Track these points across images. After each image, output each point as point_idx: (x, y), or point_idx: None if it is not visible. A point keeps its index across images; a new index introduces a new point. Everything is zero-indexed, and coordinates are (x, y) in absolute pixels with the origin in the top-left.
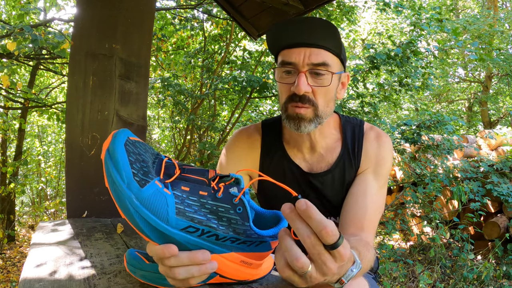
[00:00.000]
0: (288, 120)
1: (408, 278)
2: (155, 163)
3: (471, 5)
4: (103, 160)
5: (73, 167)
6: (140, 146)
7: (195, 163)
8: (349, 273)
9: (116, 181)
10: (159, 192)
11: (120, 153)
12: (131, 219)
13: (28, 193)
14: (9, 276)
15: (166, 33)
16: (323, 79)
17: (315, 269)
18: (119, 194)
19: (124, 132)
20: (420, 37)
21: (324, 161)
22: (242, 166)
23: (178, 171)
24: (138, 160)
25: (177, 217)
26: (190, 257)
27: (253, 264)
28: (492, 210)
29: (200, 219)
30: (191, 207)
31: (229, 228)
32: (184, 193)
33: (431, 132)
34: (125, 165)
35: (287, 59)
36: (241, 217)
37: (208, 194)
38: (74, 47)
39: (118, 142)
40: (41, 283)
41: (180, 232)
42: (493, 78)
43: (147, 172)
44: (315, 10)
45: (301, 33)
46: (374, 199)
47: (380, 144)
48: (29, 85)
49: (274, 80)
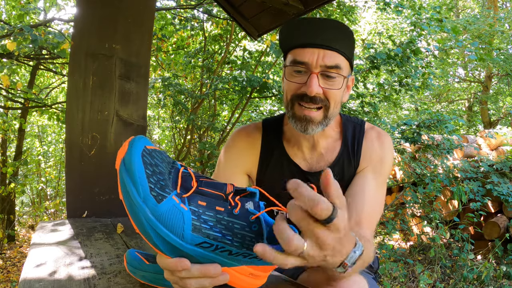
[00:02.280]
0: (294, 120)
1: (408, 278)
2: (171, 173)
3: (471, 5)
4: (118, 171)
5: (73, 167)
6: (157, 156)
7: (195, 163)
8: (352, 255)
9: (132, 195)
10: (176, 208)
11: (137, 166)
12: (145, 234)
13: (28, 193)
14: (9, 276)
15: (166, 33)
16: (335, 81)
17: (311, 245)
18: (134, 209)
19: (141, 140)
20: (420, 37)
21: (323, 160)
22: (241, 165)
23: (195, 184)
24: (155, 173)
25: (193, 233)
26: (201, 271)
27: (260, 276)
28: (492, 210)
29: (216, 235)
30: (207, 223)
31: (243, 244)
32: (201, 208)
33: (431, 131)
34: (142, 178)
35: (299, 58)
36: (256, 234)
37: (225, 210)
38: (74, 47)
39: (135, 152)
40: (41, 283)
41: (195, 247)
42: (493, 78)
43: (164, 186)
44: (315, 10)
45: (317, 34)
46: (372, 197)
47: (381, 143)
48: (29, 85)
49: (274, 80)
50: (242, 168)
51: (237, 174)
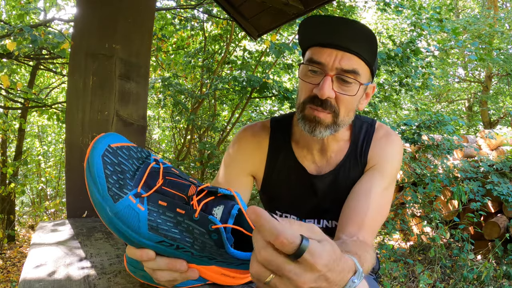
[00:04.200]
0: (303, 121)
1: (408, 278)
2: (139, 169)
3: (471, 5)
4: (84, 168)
5: (73, 167)
6: (123, 153)
7: (195, 163)
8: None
9: (93, 193)
10: (131, 208)
11: (97, 166)
12: (108, 227)
13: (28, 193)
14: (9, 276)
15: (166, 33)
16: (350, 87)
17: (281, 282)
18: (96, 205)
19: (104, 139)
20: (420, 37)
21: (332, 163)
22: (246, 167)
23: (160, 182)
24: (115, 172)
25: (149, 232)
26: (167, 264)
27: (236, 277)
28: (492, 210)
29: (174, 236)
30: (165, 223)
31: (204, 250)
32: (161, 208)
33: (431, 132)
34: (100, 178)
35: (316, 57)
36: (216, 243)
37: (186, 213)
38: (74, 47)
39: (96, 153)
40: (41, 283)
41: (156, 244)
42: (493, 78)
43: (122, 186)
44: (315, 10)
45: (337, 34)
46: (377, 199)
47: (389, 142)
48: (29, 85)
49: (274, 80)
50: (247, 170)
51: (241, 175)
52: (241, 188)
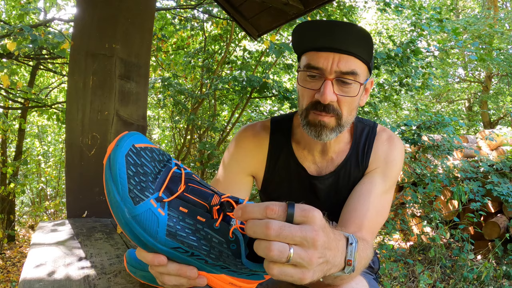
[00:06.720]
0: (308, 127)
1: (408, 278)
2: (160, 173)
3: (471, 5)
4: (104, 165)
5: (73, 167)
6: (146, 155)
7: (195, 163)
8: (350, 249)
9: (111, 192)
10: (151, 212)
11: (119, 165)
12: (123, 229)
13: (28, 193)
14: (9, 276)
15: (166, 33)
16: (350, 88)
17: (297, 249)
18: (113, 205)
19: (130, 138)
20: (420, 37)
21: (333, 165)
22: (247, 167)
23: (182, 188)
24: (138, 173)
25: (167, 238)
26: (178, 270)
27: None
28: (492, 210)
29: (191, 244)
30: (184, 230)
31: (220, 258)
32: (181, 214)
33: (431, 132)
34: (122, 178)
35: (313, 63)
36: (233, 253)
37: (206, 221)
38: (74, 47)
39: (120, 152)
40: (41, 283)
41: (170, 250)
42: (493, 78)
43: (144, 189)
44: (315, 10)
45: (332, 37)
46: (378, 200)
47: (391, 145)
48: (29, 85)
49: (274, 80)
50: (247, 170)
51: (241, 176)
52: (240, 188)
